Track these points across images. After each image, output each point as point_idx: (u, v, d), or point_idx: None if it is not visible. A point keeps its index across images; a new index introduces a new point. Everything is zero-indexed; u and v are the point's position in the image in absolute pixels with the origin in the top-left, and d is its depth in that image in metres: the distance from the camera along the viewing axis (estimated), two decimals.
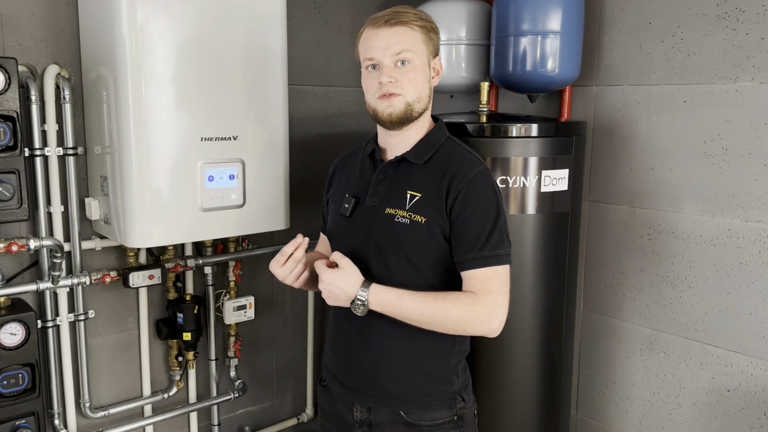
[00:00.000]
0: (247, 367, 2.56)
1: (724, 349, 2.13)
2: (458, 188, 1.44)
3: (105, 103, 1.94)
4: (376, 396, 1.54)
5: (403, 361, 1.52)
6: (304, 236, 1.52)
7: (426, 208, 1.46)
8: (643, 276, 2.31)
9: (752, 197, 2.02)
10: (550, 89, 2.30)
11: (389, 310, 1.43)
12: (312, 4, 2.51)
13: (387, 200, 1.50)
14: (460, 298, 1.43)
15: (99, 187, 2.02)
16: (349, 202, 1.55)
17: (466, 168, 1.47)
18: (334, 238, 1.62)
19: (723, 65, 2.04)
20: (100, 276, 2.04)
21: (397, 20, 1.43)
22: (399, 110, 1.45)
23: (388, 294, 1.42)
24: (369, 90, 1.48)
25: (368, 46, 1.45)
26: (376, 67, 1.46)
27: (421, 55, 1.45)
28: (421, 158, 1.51)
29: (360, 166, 1.62)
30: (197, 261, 2.24)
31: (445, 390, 1.54)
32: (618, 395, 2.44)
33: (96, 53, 1.95)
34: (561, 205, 1.98)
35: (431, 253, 1.47)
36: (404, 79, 1.43)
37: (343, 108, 2.66)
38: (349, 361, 1.58)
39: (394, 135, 1.52)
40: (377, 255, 1.49)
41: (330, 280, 1.43)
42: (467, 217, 1.44)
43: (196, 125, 1.94)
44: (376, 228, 1.50)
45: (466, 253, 1.44)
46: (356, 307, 1.43)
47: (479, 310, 1.42)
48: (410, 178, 1.50)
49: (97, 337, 2.19)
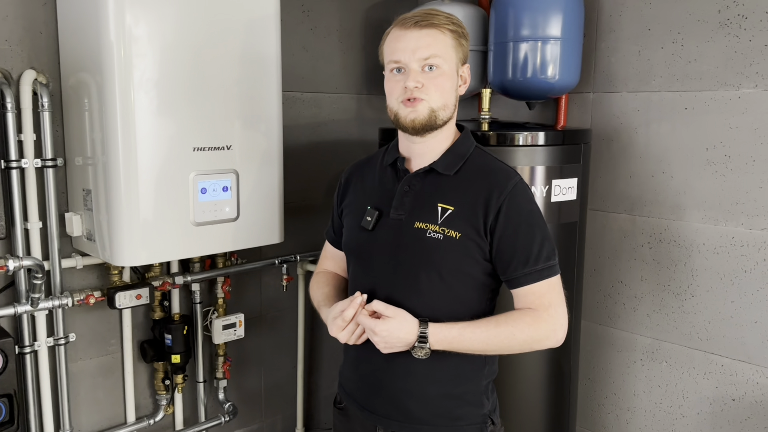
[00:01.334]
0: (235, 388, 2.44)
1: (728, 358, 2.11)
2: (499, 202, 1.36)
3: (87, 111, 1.81)
4: (401, 420, 1.45)
5: (432, 384, 1.43)
6: (361, 293, 1.42)
7: (460, 222, 1.37)
8: (644, 285, 2.29)
9: (756, 204, 2.01)
10: (550, 96, 2.25)
11: (452, 346, 1.35)
12: (300, 7, 2.41)
13: (415, 213, 1.41)
14: (523, 319, 1.36)
15: (81, 201, 1.89)
16: (372, 215, 1.45)
17: (503, 180, 1.39)
18: (353, 252, 1.52)
19: (725, 72, 2.03)
20: (84, 297, 1.90)
21: (428, 22, 1.34)
22: (423, 116, 1.36)
23: (448, 331, 1.34)
24: (392, 94, 1.39)
25: (395, 48, 1.36)
26: (401, 70, 1.37)
27: (450, 61, 1.37)
28: (451, 169, 1.42)
29: (379, 175, 1.52)
30: (185, 278, 2.12)
31: (475, 413, 1.46)
32: (618, 406, 2.41)
33: (77, 58, 1.82)
34: (570, 215, 1.93)
35: (464, 270, 1.39)
36: (431, 84, 1.35)
37: (332, 115, 2.56)
38: (373, 383, 1.48)
39: (418, 143, 1.43)
40: (406, 271, 1.40)
41: (386, 332, 1.33)
42: (513, 232, 1.36)
43: (188, 134, 1.83)
44: (405, 243, 1.41)
45: (520, 268, 1.36)
46: (417, 350, 1.34)
47: (544, 327, 1.36)
48: (440, 190, 1.41)
49: (77, 361, 2.04)
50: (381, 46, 1.45)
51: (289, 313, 2.56)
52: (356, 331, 1.40)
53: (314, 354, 2.69)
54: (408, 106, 1.36)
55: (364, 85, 2.64)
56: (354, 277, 1.53)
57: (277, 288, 2.49)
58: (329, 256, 1.69)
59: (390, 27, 1.42)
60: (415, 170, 1.45)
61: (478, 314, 1.43)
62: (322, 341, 2.70)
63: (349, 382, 1.58)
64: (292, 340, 2.58)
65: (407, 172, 1.46)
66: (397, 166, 1.48)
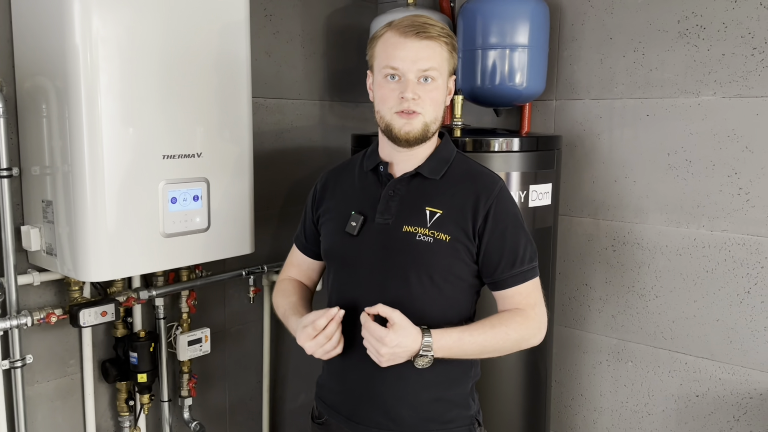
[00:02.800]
0: (199, 406, 2.34)
1: (692, 356, 2.19)
2: (487, 206, 1.39)
3: (45, 118, 1.71)
4: (392, 429, 1.43)
5: (425, 389, 1.42)
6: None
7: (449, 225, 1.38)
8: (609, 287, 2.34)
9: (717, 207, 2.09)
10: (518, 103, 2.28)
11: (452, 352, 1.34)
12: (263, 11, 2.35)
13: (402, 217, 1.40)
14: (514, 319, 1.40)
15: (40, 213, 1.77)
16: (357, 220, 1.43)
17: (490, 184, 1.42)
18: (337, 258, 1.49)
19: (685, 80, 2.11)
20: (44, 315, 1.78)
21: (427, 34, 1.34)
22: (417, 130, 1.37)
23: (449, 336, 1.34)
24: (385, 101, 1.37)
25: (393, 55, 1.35)
26: (395, 77, 1.35)
27: (443, 74, 1.38)
28: (436, 173, 1.43)
29: (360, 181, 1.50)
30: (150, 292, 2.01)
31: (464, 415, 1.47)
32: (585, 407, 2.45)
33: (35, 61, 1.71)
34: (545, 220, 1.96)
35: (454, 272, 1.40)
36: (427, 98, 1.36)
37: (296, 122, 2.51)
38: (362, 393, 1.45)
39: (403, 151, 1.42)
40: (397, 275, 1.39)
41: (395, 341, 1.29)
42: (501, 235, 1.39)
43: (158, 141, 1.75)
44: (394, 247, 1.40)
45: (507, 270, 1.40)
46: (420, 359, 1.32)
47: (532, 325, 1.41)
48: (427, 194, 1.42)
49: (34, 384, 1.90)
50: (371, 48, 1.43)
51: (253, 326, 2.49)
52: (325, 346, 1.37)
53: (279, 367, 2.62)
54: (403, 118, 1.36)
55: (327, 91, 2.60)
56: (337, 284, 1.50)
57: (242, 300, 2.42)
58: (295, 264, 1.66)
59: (381, 30, 1.40)
60: (400, 175, 1.44)
61: (466, 316, 1.47)
62: (288, 354, 2.63)
63: (332, 394, 1.54)
64: (256, 353, 2.50)
65: (390, 177, 1.46)
66: (380, 171, 1.48)
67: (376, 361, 1.33)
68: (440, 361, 1.37)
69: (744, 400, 2.10)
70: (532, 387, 2.03)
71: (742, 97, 2.01)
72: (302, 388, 2.70)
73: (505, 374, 1.96)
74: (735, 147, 2.04)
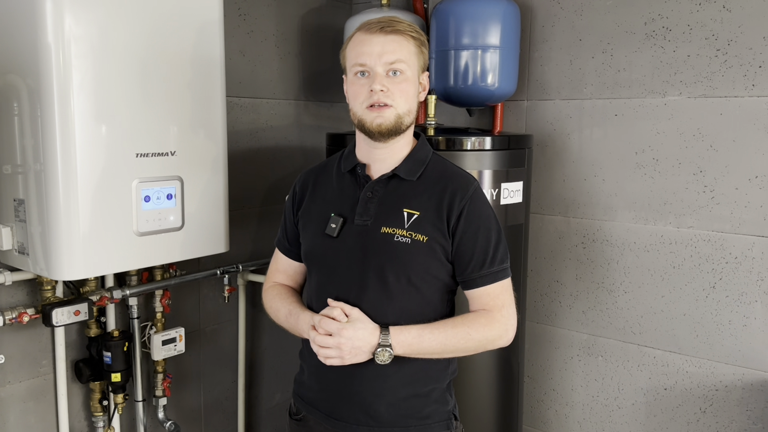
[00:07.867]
0: (174, 406, 2.33)
1: (660, 350, 2.24)
2: (461, 206, 1.41)
3: (17, 116, 1.69)
4: (371, 425, 1.45)
5: (403, 386, 1.44)
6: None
7: (426, 225, 1.40)
8: (579, 283, 2.39)
9: (683, 204, 2.14)
10: (490, 103, 2.31)
11: (411, 349, 1.37)
12: (236, 11, 2.36)
13: (381, 219, 1.42)
14: (478, 320, 1.41)
15: (11, 212, 1.75)
16: (336, 222, 1.44)
17: (465, 185, 1.44)
18: (317, 260, 1.50)
19: (652, 80, 2.16)
20: (16, 315, 1.77)
21: (392, 28, 1.36)
22: (389, 122, 1.38)
23: (408, 332, 1.37)
24: (356, 98, 1.39)
25: (360, 52, 1.37)
26: (365, 74, 1.38)
27: (413, 68, 1.40)
28: (413, 174, 1.45)
29: (337, 182, 1.51)
30: (124, 292, 2.01)
31: (441, 411, 1.49)
32: (557, 402, 2.50)
33: (6, 59, 1.69)
34: (516, 218, 1.99)
35: (432, 272, 1.42)
36: (396, 90, 1.37)
37: (270, 121, 2.52)
38: (340, 390, 1.47)
39: (380, 148, 1.44)
40: (376, 276, 1.41)
41: (351, 334, 1.34)
42: (473, 235, 1.41)
43: (131, 139, 1.75)
44: (374, 248, 1.41)
45: (476, 270, 1.41)
46: (380, 354, 1.35)
47: (497, 327, 1.42)
48: (404, 196, 1.44)
49: (5, 385, 1.89)
50: (343, 51, 1.46)
51: (228, 326, 2.49)
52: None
53: (255, 367, 2.62)
54: (374, 111, 1.38)
55: (302, 91, 2.61)
56: (317, 286, 1.51)
57: (216, 299, 2.42)
58: (281, 269, 1.65)
59: (353, 33, 1.43)
60: (378, 176, 1.46)
61: (443, 316, 1.48)
62: (263, 353, 2.63)
63: (310, 392, 1.56)
64: (232, 353, 2.50)
65: (368, 179, 1.48)
66: (357, 173, 1.49)
67: (338, 361, 1.37)
68: (419, 359, 1.40)
69: (710, 392, 2.16)
70: (505, 382, 2.06)
71: (706, 97, 2.07)
72: (278, 387, 2.71)
73: (478, 370, 1.99)
74: (700, 146, 2.10)
